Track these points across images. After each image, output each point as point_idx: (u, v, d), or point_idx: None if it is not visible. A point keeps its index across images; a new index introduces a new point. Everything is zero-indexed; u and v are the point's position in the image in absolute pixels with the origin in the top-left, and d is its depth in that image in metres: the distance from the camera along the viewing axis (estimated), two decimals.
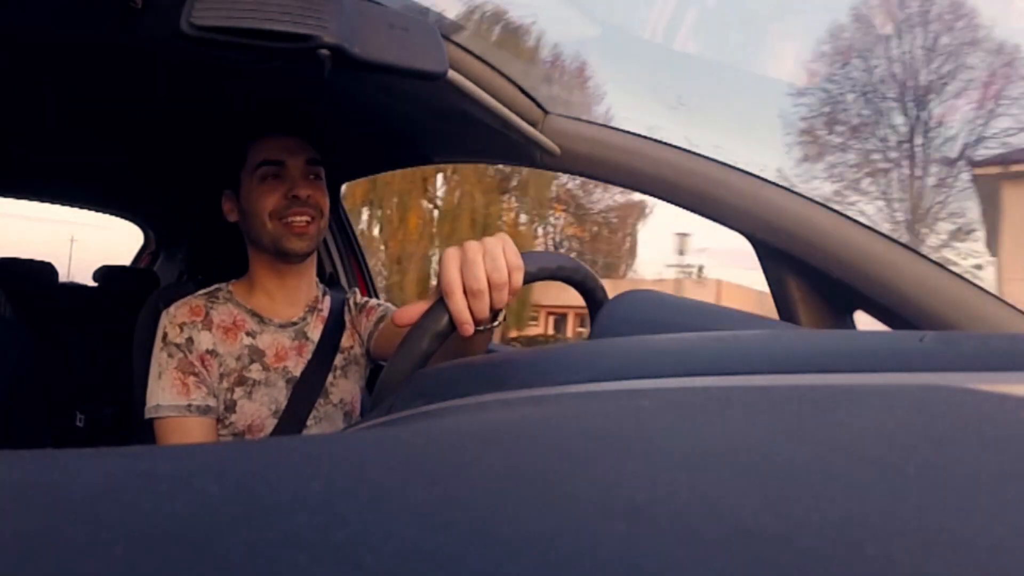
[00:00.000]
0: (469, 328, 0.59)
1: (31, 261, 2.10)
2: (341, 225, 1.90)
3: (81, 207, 2.67)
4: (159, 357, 0.99)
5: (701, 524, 0.14)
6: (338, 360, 1.08)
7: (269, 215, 0.99)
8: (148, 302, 1.18)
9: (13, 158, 1.91)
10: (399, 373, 0.57)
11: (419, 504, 0.15)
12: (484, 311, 0.59)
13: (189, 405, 0.96)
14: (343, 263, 1.91)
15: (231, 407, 1.00)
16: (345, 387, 1.08)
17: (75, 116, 1.57)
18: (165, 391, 0.97)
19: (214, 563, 0.12)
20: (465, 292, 0.59)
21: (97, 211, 2.72)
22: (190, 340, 0.99)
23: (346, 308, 1.13)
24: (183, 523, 0.13)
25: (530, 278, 0.67)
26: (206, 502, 0.14)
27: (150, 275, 2.47)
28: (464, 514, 0.14)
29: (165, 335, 1.00)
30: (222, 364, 1.00)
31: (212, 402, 0.99)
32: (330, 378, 1.06)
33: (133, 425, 1.14)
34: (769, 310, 0.89)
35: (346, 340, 1.10)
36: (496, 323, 0.78)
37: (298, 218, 0.99)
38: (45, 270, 2.10)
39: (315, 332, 1.07)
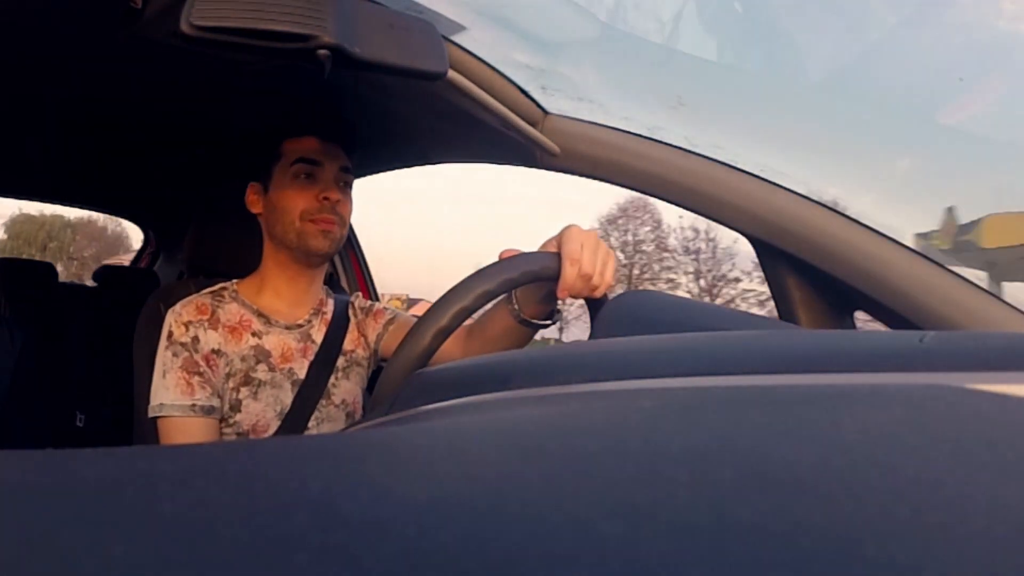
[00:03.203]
0: (565, 293, 0.73)
1: (31, 261, 2.10)
2: None
3: (81, 207, 2.68)
4: (164, 356, 0.99)
5: (701, 524, 0.14)
6: (340, 362, 1.08)
7: (300, 215, 1.00)
8: (148, 302, 1.18)
9: (13, 158, 1.91)
10: (401, 371, 0.58)
11: (419, 504, 0.15)
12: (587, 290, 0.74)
13: (193, 405, 0.96)
14: (344, 266, 1.91)
15: (236, 407, 1.00)
16: (347, 388, 1.08)
17: (75, 116, 1.57)
18: (169, 390, 0.96)
19: (214, 563, 0.12)
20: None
21: (97, 211, 2.73)
22: (196, 339, 0.99)
23: (350, 311, 1.14)
24: (183, 523, 0.13)
25: (514, 284, 0.68)
26: (206, 502, 0.14)
27: (150, 275, 2.47)
28: (464, 514, 0.14)
29: (170, 334, 0.99)
30: (228, 364, 1.00)
31: (216, 402, 0.98)
32: (332, 379, 1.06)
33: (133, 425, 1.14)
34: None
35: (348, 343, 1.10)
36: (550, 322, 0.84)
37: (326, 222, 1.01)
38: (45, 270, 2.10)
39: (319, 334, 1.08)
